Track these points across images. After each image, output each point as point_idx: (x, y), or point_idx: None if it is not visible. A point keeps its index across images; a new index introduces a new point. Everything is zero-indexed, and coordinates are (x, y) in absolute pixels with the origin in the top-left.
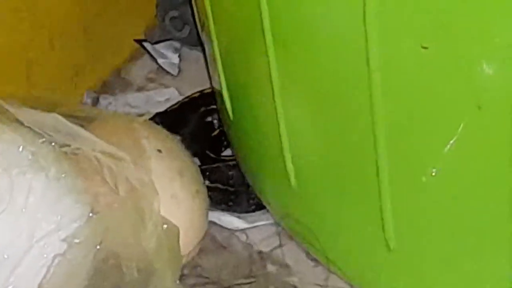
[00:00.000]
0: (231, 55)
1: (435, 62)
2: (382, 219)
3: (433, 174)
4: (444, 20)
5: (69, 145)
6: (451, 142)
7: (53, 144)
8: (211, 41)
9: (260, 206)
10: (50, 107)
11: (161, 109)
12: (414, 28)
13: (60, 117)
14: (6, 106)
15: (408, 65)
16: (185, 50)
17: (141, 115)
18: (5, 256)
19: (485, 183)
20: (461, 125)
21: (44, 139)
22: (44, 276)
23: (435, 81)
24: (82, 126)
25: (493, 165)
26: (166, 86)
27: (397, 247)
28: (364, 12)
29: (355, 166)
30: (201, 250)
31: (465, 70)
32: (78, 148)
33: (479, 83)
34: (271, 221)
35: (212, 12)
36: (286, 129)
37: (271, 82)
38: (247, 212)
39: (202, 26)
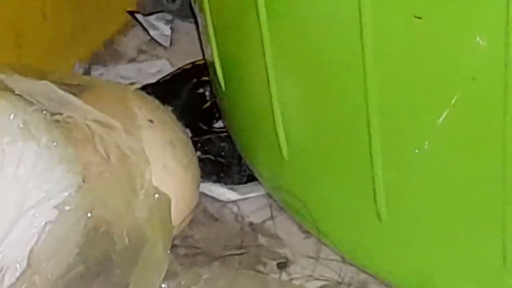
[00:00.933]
0: (224, 27)
1: (428, 33)
2: (374, 190)
3: (426, 146)
4: None
5: (60, 113)
6: (444, 114)
7: (44, 112)
8: (203, 12)
9: (251, 178)
10: (41, 75)
11: (153, 80)
12: None
13: (51, 85)
14: None
15: (401, 35)
16: (177, 21)
17: (132, 83)
18: None
19: (477, 155)
20: (455, 97)
21: (35, 107)
22: (35, 243)
23: (429, 52)
24: (73, 94)
25: (485, 137)
26: (158, 58)
27: (389, 218)
28: None
29: (348, 138)
30: (192, 221)
31: (459, 41)
32: (69, 116)
33: (473, 54)
34: (262, 192)
35: None
36: (279, 100)
37: (263, 53)
38: (238, 183)
39: None
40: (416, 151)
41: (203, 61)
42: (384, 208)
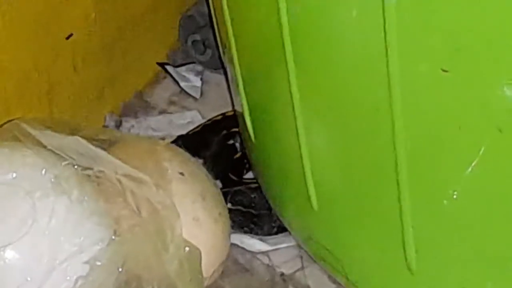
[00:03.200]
0: (253, 78)
1: (455, 85)
2: (403, 241)
3: (455, 197)
4: (464, 44)
5: (91, 168)
6: (472, 165)
7: (75, 167)
8: (233, 64)
9: (282, 229)
10: (72, 130)
11: (183, 132)
12: (434, 52)
13: (82, 140)
14: (29, 130)
15: (429, 88)
16: (207, 73)
17: (163, 138)
18: (28, 279)
19: (506, 205)
20: (482, 148)
21: (66, 162)
22: None
23: (456, 104)
24: (104, 149)
25: None
26: (188, 109)
27: (419, 269)
28: (385, 37)
29: (377, 189)
30: (224, 273)
31: (486, 92)
32: (100, 171)
33: (500, 105)
34: (293, 243)
35: (234, 36)
36: (308, 152)
37: (292, 105)
38: (269, 234)
39: (224, 49)
40: (445, 201)
41: (233, 112)
42: (414, 259)
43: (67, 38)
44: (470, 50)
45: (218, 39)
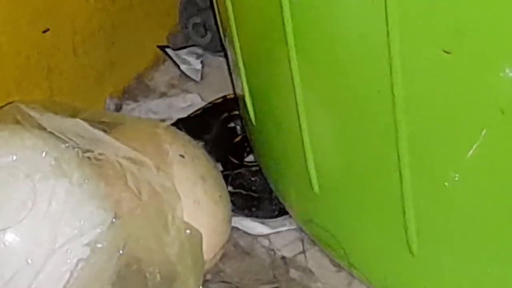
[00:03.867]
0: (254, 61)
1: (457, 67)
2: (404, 223)
3: (456, 179)
4: (467, 25)
5: (92, 151)
6: (474, 147)
7: (76, 149)
8: (234, 47)
9: (283, 212)
10: (73, 113)
11: (184, 115)
12: (437, 33)
13: (83, 122)
14: (29, 112)
15: (431, 70)
16: (208, 56)
17: (163, 121)
18: (29, 261)
19: (508, 187)
20: (484, 130)
21: (67, 145)
22: (67, 281)
23: (458, 86)
24: (105, 131)
25: None
26: (189, 92)
27: (420, 251)
28: (386, 18)
29: (378, 171)
30: (224, 256)
31: (488, 74)
32: (101, 154)
33: (502, 87)
34: (294, 226)
35: (235, 18)
36: (309, 135)
37: (293, 88)
38: (270, 217)
39: (225, 32)
40: (446, 183)
41: (233, 95)
42: (415, 241)
43: (44, 32)
44: (472, 32)
45: (219, 21)
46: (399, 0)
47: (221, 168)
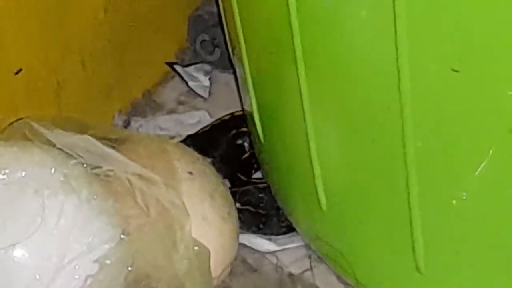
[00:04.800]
0: (262, 78)
1: (465, 86)
2: (412, 242)
3: (464, 197)
4: (475, 44)
5: (100, 167)
6: (482, 166)
7: (84, 165)
8: (242, 64)
9: (290, 229)
10: (82, 129)
11: (192, 131)
12: (445, 52)
13: (91, 139)
14: (38, 128)
15: (439, 88)
16: (216, 73)
17: (172, 137)
18: (37, 277)
19: None
20: (492, 149)
21: (75, 161)
22: None
23: (466, 104)
24: (113, 148)
25: None
26: (197, 109)
27: (428, 270)
28: (396, 36)
29: (386, 190)
30: (232, 272)
31: (496, 93)
32: (110, 170)
33: (510, 106)
34: (301, 243)
35: (244, 35)
36: (317, 152)
37: (302, 105)
38: (277, 234)
39: (234, 49)
40: (454, 201)
41: (242, 112)
42: (423, 259)
43: (16, 73)
44: (481, 51)
45: (227, 38)
46: (408, 17)
47: (229, 185)
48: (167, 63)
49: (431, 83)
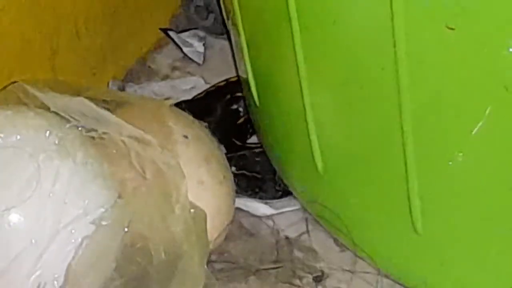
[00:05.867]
0: (257, 42)
1: (461, 44)
2: (409, 203)
3: (460, 158)
4: (470, 1)
5: (96, 130)
6: (478, 125)
7: (80, 128)
8: (237, 29)
9: (286, 192)
10: (76, 92)
11: (187, 97)
12: (440, 9)
13: (87, 101)
14: (33, 91)
15: (434, 46)
16: (210, 38)
17: (166, 98)
18: (33, 241)
19: None
20: (489, 108)
21: (70, 124)
22: (73, 259)
23: (461, 63)
24: (108, 110)
25: None
26: (191, 74)
27: (424, 231)
28: None
29: (382, 150)
30: (228, 236)
31: (492, 51)
32: (105, 133)
33: (506, 64)
34: (297, 207)
35: (238, 0)
36: (313, 114)
37: (297, 67)
38: (273, 198)
39: (228, 14)
40: (450, 162)
41: (236, 78)
42: (420, 220)
43: None
44: (476, 8)
45: (222, 3)
46: None
47: (224, 150)
48: (161, 29)
49: (426, 42)
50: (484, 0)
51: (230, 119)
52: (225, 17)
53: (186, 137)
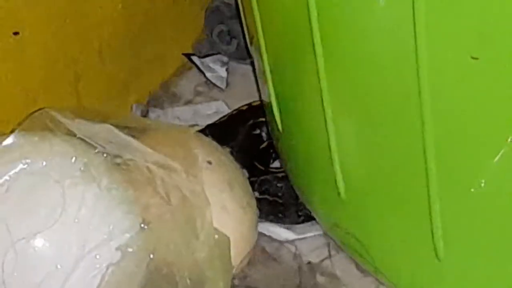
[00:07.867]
0: (280, 68)
1: (484, 73)
2: (431, 229)
3: (482, 185)
4: (493, 31)
5: (121, 156)
6: (500, 153)
7: (105, 155)
8: (260, 54)
9: (309, 218)
10: (102, 118)
11: (209, 122)
12: (464, 39)
13: (112, 128)
14: (59, 118)
15: (458, 75)
16: (233, 64)
17: (191, 125)
18: (58, 267)
19: None
20: (510, 137)
21: (96, 150)
22: (98, 285)
23: (484, 92)
24: (133, 136)
25: None
26: (214, 99)
27: (446, 257)
28: (414, 24)
29: (405, 178)
30: (251, 261)
31: None
32: (130, 159)
33: None
34: (320, 232)
35: (262, 24)
36: (336, 141)
37: (320, 94)
38: (296, 223)
39: (251, 39)
40: (473, 189)
41: (259, 102)
42: (442, 246)
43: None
44: (498, 37)
45: (245, 28)
46: (426, 4)
47: (247, 175)
48: (184, 54)
49: (449, 71)
50: (507, 31)
51: (253, 143)
52: (248, 42)
53: (209, 162)
